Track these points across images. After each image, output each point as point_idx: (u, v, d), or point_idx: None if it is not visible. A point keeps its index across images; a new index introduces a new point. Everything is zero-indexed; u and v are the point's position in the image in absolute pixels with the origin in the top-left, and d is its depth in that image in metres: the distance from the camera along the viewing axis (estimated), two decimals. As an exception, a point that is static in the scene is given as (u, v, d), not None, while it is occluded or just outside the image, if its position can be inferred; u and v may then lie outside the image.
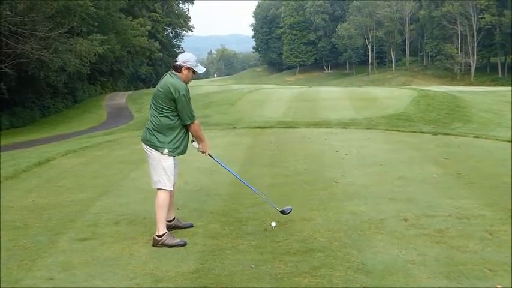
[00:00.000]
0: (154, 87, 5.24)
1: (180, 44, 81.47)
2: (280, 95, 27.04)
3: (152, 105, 4.94)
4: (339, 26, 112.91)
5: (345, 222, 5.28)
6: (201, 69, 5.07)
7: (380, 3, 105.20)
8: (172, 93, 4.79)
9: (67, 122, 35.26)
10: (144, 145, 5.01)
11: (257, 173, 8.17)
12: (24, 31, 29.15)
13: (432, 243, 4.55)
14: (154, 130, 4.89)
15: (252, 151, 10.83)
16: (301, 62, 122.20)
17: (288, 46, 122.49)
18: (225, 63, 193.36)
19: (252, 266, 4.19)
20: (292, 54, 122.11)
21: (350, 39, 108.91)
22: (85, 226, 5.50)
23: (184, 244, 4.77)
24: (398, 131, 13.54)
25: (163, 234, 4.81)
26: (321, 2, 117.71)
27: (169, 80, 4.90)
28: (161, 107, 4.84)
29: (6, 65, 28.58)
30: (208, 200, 6.37)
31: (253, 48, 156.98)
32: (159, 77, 60.85)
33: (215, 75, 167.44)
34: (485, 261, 4.08)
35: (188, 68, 4.95)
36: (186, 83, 5.00)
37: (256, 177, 7.70)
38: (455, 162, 8.42)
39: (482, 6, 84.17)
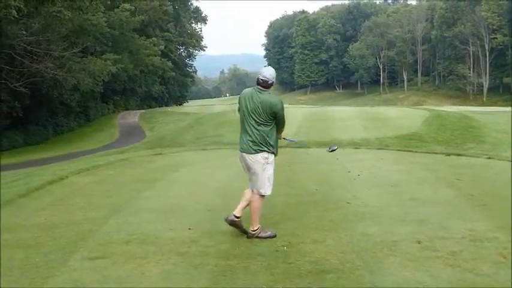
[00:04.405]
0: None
1: (192, 63, 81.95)
2: (291, 114, 26.91)
3: (251, 119, 5.53)
4: (350, 45, 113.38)
5: (357, 243, 5.24)
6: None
7: (392, 23, 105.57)
8: (275, 110, 5.52)
9: (80, 140, 35.51)
10: (249, 156, 5.57)
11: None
12: (39, 50, 29.54)
13: (445, 265, 4.50)
14: (262, 138, 5.51)
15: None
16: (312, 82, 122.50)
17: (300, 66, 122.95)
18: (237, 83, 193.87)
19: (264, 287, 4.17)
20: (304, 74, 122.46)
21: (362, 59, 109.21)
22: (97, 245, 5.49)
23: (275, 235, 5.51)
24: (411, 151, 13.48)
25: (257, 228, 5.51)
26: (333, 22, 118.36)
27: (267, 98, 5.54)
28: (263, 120, 5.49)
29: (20, 83, 28.94)
30: (219, 220, 6.34)
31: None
32: (171, 96, 60.94)
33: (227, 94, 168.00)
34: (499, 285, 4.05)
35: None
36: None
37: (270, 197, 7.67)
38: (468, 184, 8.35)
39: (494, 27, 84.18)
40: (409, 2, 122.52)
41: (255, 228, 5.53)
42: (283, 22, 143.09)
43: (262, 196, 5.69)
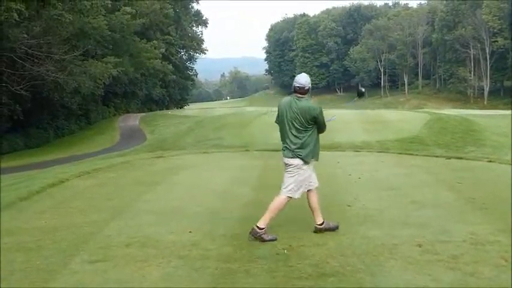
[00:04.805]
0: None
1: (193, 66, 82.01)
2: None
3: (292, 127, 5.70)
4: (351, 49, 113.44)
5: (358, 246, 5.24)
6: None
7: (392, 26, 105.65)
8: (314, 115, 5.64)
9: (81, 143, 35.53)
10: (287, 159, 5.83)
11: (270, 195, 8.11)
12: (40, 53, 29.59)
13: (446, 269, 4.50)
14: (301, 145, 5.68)
15: (265, 174, 10.78)
16: (313, 85, 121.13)
17: (301, 69, 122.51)
18: (237, 86, 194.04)
19: (264, 290, 4.17)
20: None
21: (362, 62, 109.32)
22: (97, 248, 5.49)
23: (276, 239, 5.52)
24: (411, 154, 13.47)
25: (263, 228, 5.53)
26: (334, 25, 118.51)
27: (306, 104, 5.66)
28: (304, 126, 5.65)
29: (21, 86, 28.98)
30: (220, 223, 6.35)
31: (266, 70, 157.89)
32: (172, 98, 60.97)
33: (228, 98, 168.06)
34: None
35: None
36: None
37: (270, 200, 7.66)
38: (468, 187, 8.34)
39: (495, 30, 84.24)
40: (409, 5, 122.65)
41: (262, 227, 5.53)
42: (283, 25, 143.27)
43: (289, 198, 5.81)
